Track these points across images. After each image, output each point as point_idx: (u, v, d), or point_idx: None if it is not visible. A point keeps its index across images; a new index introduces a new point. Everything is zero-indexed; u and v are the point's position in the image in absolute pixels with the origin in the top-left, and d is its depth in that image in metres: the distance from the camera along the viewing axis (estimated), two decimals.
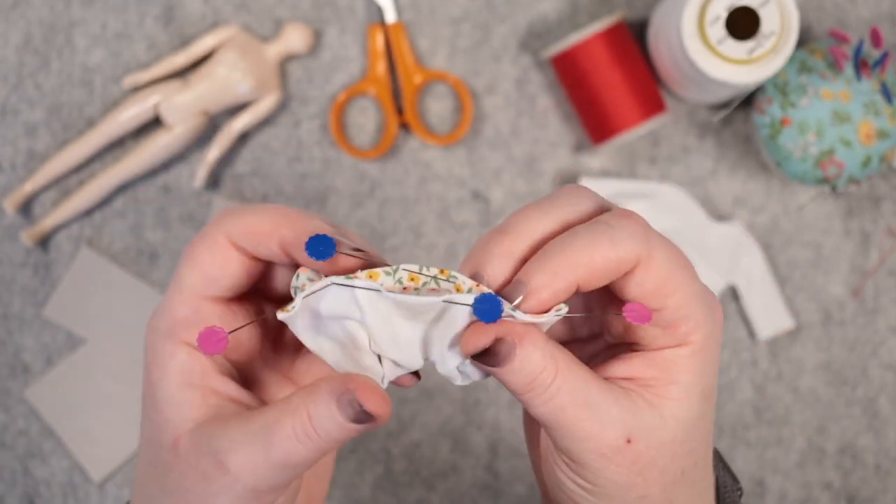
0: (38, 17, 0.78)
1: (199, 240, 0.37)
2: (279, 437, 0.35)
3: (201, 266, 0.37)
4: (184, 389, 0.37)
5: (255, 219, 0.37)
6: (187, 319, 0.37)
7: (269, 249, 0.37)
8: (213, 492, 0.35)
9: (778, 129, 0.69)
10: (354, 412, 0.34)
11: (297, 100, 0.78)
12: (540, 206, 0.37)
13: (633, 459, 0.35)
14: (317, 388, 0.35)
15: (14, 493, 0.79)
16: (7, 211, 0.77)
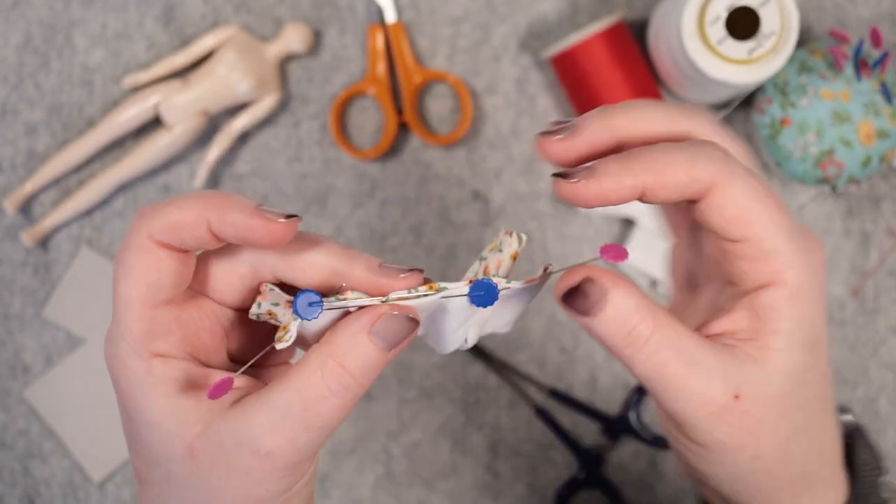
0: (38, 17, 0.78)
1: (125, 250, 0.36)
2: (313, 401, 0.35)
3: (137, 276, 0.36)
4: (175, 399, 0.36)
5: (175, 212, 0.36)
6: (148, 332, 0.36)
7: (197, 239, 0.36)
8: (254, 481, 0.35)
9: (778, 129, 0.69)
10: (394, 334, 0.35)
11: (297, 100, 0.78)
12: (650, 102, 0.37)
13: (743, 417, 0.35)
14: (338, 333, 0.35)
15: (14, 493, 0.79)
16: (7, 211, 0.77)
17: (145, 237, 0.36)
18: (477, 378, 0.78)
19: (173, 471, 0.36)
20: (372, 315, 0.35)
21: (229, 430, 0.35)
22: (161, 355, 0.36)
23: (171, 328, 0.37)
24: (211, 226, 0.35)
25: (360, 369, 0.35)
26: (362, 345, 0.35)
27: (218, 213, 0.35)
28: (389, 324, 0.35)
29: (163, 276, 0.36)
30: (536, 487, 0.78)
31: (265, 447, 0.35)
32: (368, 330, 0.35)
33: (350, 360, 0.35)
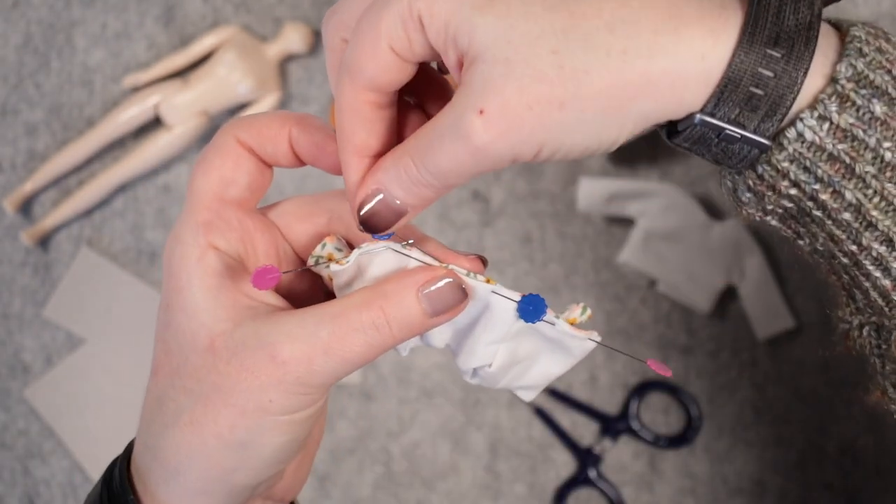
0: (38, 17, 0.78)
1: (210, 148, 0.38)
2: (343, 329, 0.35)
3: (215, 170, 0.38)
4: (216, 292, 0.37)
5: (263, 120, 0.38)
6: (210, 223, 0.38)
7: (278, 148, 0.38)
8: (261, 385, 0.36)
9: None
10: (441, 300, 0.36)
11: (297, 100, 0.78)
12: None
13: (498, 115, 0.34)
14: (390, 282, 0.36)
15: (14, 493, 0.79)
16: (7, 211, 0.77)
17: (231, 137, 0.38)
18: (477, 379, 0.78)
19: (189, 360, 0.37)
20: (426, 274, 0.36)
21: (255, 332, 0.36)
22: (216, 248, 0.37)
23: (233, 226, 0.38)
24: (291, 138, 0.38)
25: (397, 321, 0.36)
26: (408, 299, 0.36)
27: (301, 128, 0.38)
28: (440, 288, 0.36)
29: (239, 173, 0.38)
30: (536, 487, 0.78)
31: (282, 354, 0.35)
32: (419, 287, 0.36)
33: (392, 307, 0.36)
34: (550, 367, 0.40)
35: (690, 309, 0.77)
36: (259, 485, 0.39)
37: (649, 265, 0.75)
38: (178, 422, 0.37)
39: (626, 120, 0.36)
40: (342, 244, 0.39)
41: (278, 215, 0.40)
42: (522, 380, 0.41)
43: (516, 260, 0.77)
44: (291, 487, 0.42)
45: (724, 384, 0.77)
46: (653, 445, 0.77)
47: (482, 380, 0.40)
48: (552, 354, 0.40)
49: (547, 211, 0.77)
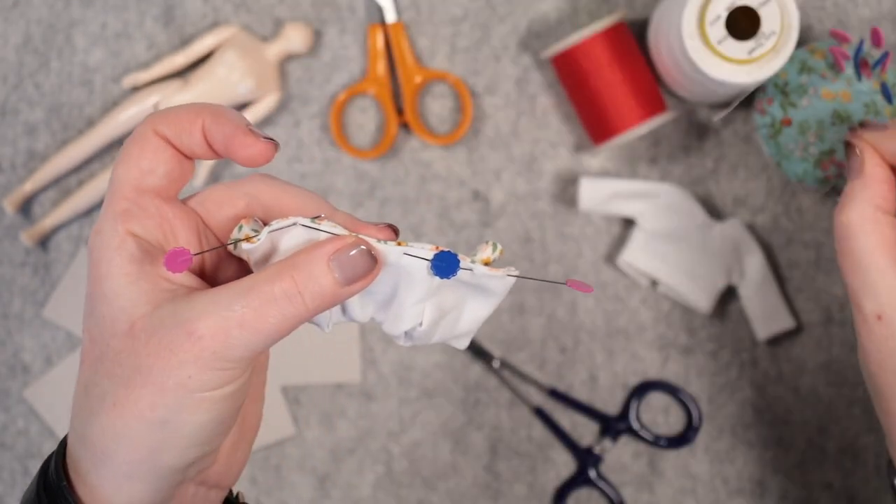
0: (37, 17, 0.78)
1: (129, 139, 0.40)
2: (256, 301, 0.36)
3: (134, 160, 0.39)
4: (135, 277, 0.38)
5: (179, 111, 0.39)
6: (128, 211, 0.39)
7: (193, 139, 0.39)
8: (179, 361, 0.36)
9: (778, 128, 0.69)
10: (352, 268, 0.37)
11: (297, 100, 0.78)
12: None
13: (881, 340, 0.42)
14: (300, 254, 0.37)
15: (14, 494, 0.79)
16: (7, 211, 0.77)
17: (149, 129, 0.39)
18: (477, 378, 0.78)
19: (111, 346, 0.38)
20: (336, 243, 0.37)
21: (172, 311, 0.37)
22: (134, 235, 0.38)
23: (151, 213, 0.39)
24: (204, 128, 0.39)
25: (309, 290, 0.37)
26: (319, 269, 0.37)
27: (213, 119, 0.39)
28: (350, 256, 0.37)
29: (156, 163, 0.39)
30: (536, 487, 0.78)
31: (198, 330, 0.36)
32: (329, 256, 0.37)
33: (303, 277, 0.37)
34: (478, 311, 0.41)
35: (690, 309, 0.77)
36: (188, 467, 0.39)
37: (649, 265, 0.75)
38: (103, 406, 0.38)
39: None
40: (259, 225, 0.40)
41: (198, 203, 0.41)
42: (454, 329, 0.42)
43: (516, 260, 0.77)
44: (227, 472, 0.43)
45: (724, 384, 0.77)
46: (653, 445, 0.77)
47: (415, 339, 0.41)
48: (477, 298, 0.41)
49: (547, 211, 0.77)
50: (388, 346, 0.78)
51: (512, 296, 0.77)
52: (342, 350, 0.77)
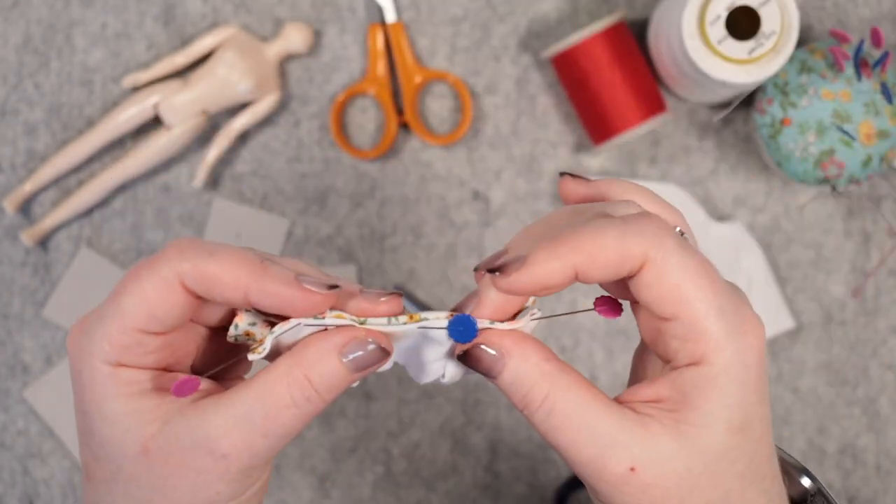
0: (37, 17, 0.78)
1: (148, 273, 0.36)
2: (275, 409, 0.35)
3: (147, 302, 0.35)
4: (137, 397, 0.36)
5: (216, 268, 0.35)
6: (128, 349, 0.36)
7: (230, 301, 0.36)
8: (206, 482, 0.35)
9: (778, 128, 0.69)
10: (363, 360, 0.36)
11: (297, 100, 0.78)
12: (578, 207, 0.37)
13: (642, 489, 0.34)
14: (310, 348, 0.36)
15: (14, 493, 0.79)
16: (7, 211, 0.77)
17: (174, 275, 0.35)
18: (477, 378, 0.78)
19: (124, 468, 0.36)
20: (346, 336, 0.36)
21: (187, 428, 0.35)
22: (128, 366, 0.36)
23: (150, 351, 0.37)
24: (248, 296, 0.35)
25: (325, 386, 0.36)
26: (331, 363, 0.36)
27: (259, 285, 0.35)
28: (361, 349, 0.36)
29: (169, 314, 0.36)
30: (536, 487, 0.78)
31: (222, 449, 0.35)
32: (340, 350, 0.36)
33: (316, 375, 0.35)
34: None
35: None
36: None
37: None
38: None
39: None
40: (254, 315, 0.38)
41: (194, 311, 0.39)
42: None
43: None
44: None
45: None
46: None
47: (443, 384, 0.40)
48: None
49: (547, 211, 0.77)
50: None
51: None
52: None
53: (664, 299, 0.34)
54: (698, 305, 0.34)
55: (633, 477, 0.34)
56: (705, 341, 0.34)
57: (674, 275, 0.34)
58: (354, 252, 0.78)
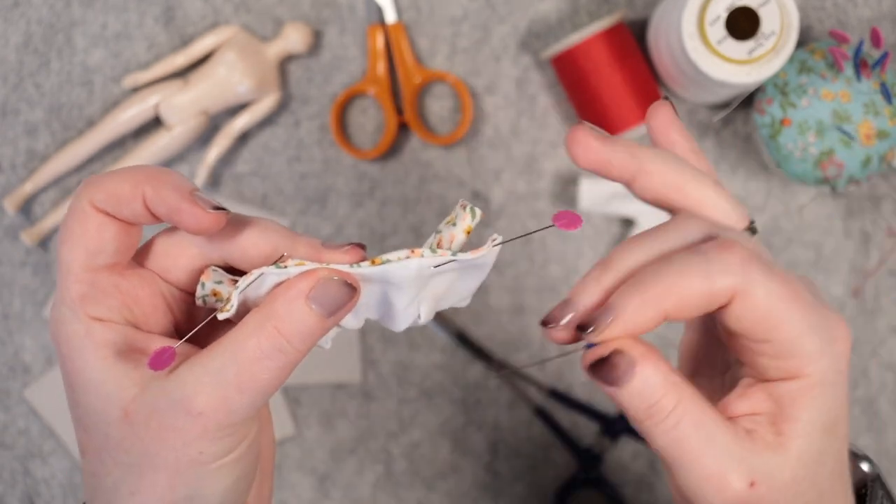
0: (38, 17, 0.78)
1: (68, 215, 0.37)
2: (248, 363, 0.35)
3: (78, 240, 0.37)
4: (113, 361, 0.36)
5: (115, 182, 0.37)
6: (86, 295, 0.37)
7: (133, 210, 0.37)
8: (185, 441, 0.35)
9: (778, 129, 0.69)
10: (332, 300, 0.36)
11: (297, 100, 0.78)
12: (642, 238, 0.37)
13: (757, 502, 0.35)
14: (277, 299, 0.36)
15: (14, 493, 0.79)
16: (7, 211, 0.77)
17: (87, 203, 0.37)
18: (477, 378, 0.78)
19: (110, 435, 0.37)
20: (310, 280, 0.36)
21: (164, 391, 0.36)
22: (99, 319, 0.37)
23: (110, 293, 0.37)
24: (146, 199, 0.36)
25: (296, 334, 0.36)
26: (299, 310, 0.36)
27: (153, 188, 0.36)
28: (327, 289, 0.36)
29: (102, 242, 0.37)
30: (536, 487, 0.78)
31: (197, 406, 0.35)
32: (306, 295, 0.36)
33: (286, 324, 0.35)
34: (470, 284, 0.41)
35: None
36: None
37: None
38: (119, 495, 0.37)
39: None
40: (220, 275, 0.38)
41: (152, 263, 0.40)
42: (453, 301, 0.41)
43: (516, 260, 0.77)
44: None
45: None
46: None
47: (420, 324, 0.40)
48: (468, 276, 0.40)
49: (547, 211, 0.77)
50: (387, 346, 0.78)
51: (512, 296, 0.78)
52: (342, 350, 0.77)
53: (757, 327, 0.34)
54: (790, 328, 0.34)
55: (752, 492, 0.34)
56: (800, 358, 0.35)
57: (763, 303, 0.34)
58: None
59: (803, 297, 0.35)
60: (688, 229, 0.36)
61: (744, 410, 0.36)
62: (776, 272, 0.34)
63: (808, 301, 0.35)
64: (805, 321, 0.34)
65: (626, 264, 0.36)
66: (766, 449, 0.35)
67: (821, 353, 0.35)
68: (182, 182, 0.37)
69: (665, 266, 0.34)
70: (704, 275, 0.34)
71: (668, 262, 0.34)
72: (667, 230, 0.37)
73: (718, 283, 0.34)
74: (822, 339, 0.35)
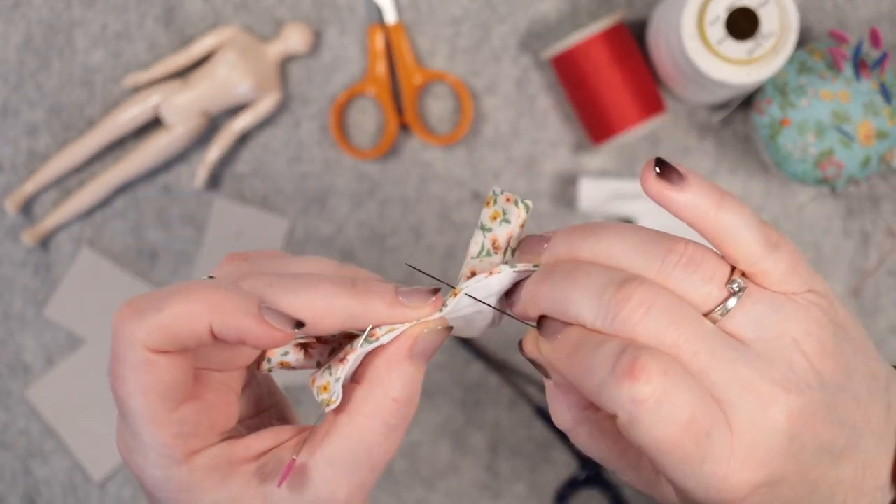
0: (38, 17, 0.78)
1: (120, 364, 0.34)
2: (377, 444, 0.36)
3: (144, 391, 0.34)
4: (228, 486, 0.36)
5: (172, 319, 0.33)
6: (180, 435, 0.35)
7: (199, 341, 0.34)
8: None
9: (777, 129, 0.69)
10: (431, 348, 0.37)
11: (297, 100, 0.78)
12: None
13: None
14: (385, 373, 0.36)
15: (15, 493, 0.80)
16: (8, 211, 0.78)
17: (141, 349, 0.34)
18: (477, 378, 0.78)
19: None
20: (409, 340, 0.36)
21: (300, 498, 0.35)
22: (198, 451, 0.35)
23: (199, 420, 0.36)
24: (213, 331, 0.34)
25: (409, 396, 0.36)
26: (407, 372, 0.36)
27: (221, 318, 0.34)
28: (427, 342, 0.36)
29: (175, 383, 0.35)
30: (536, 487, 0.78)
31: (339, 500, 0.35)
32: (409, 356, 0.36)
33: (399, 391, 0.36)
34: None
35: None
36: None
37: None
38: None
39: None
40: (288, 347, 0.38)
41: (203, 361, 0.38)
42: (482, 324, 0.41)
43: None
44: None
45: None
46: None
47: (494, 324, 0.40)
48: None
49: (547, 211, 0.78)
50: None
51: None
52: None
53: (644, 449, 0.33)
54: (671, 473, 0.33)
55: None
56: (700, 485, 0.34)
57: (643, 444, 0.33)
58: (355, 252, 0.78)
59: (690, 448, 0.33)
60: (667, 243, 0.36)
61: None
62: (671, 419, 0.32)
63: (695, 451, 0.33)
64: (688, 468, 0.33)
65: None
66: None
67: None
68: (248, 303, 0.34)
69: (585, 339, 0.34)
70: (599, 384, 0.33)
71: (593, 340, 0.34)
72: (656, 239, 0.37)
73: (604, 400, 0.33)
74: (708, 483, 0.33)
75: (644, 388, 0.32)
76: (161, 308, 0.33)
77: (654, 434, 0.32)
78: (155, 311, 0.33)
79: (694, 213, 0.35)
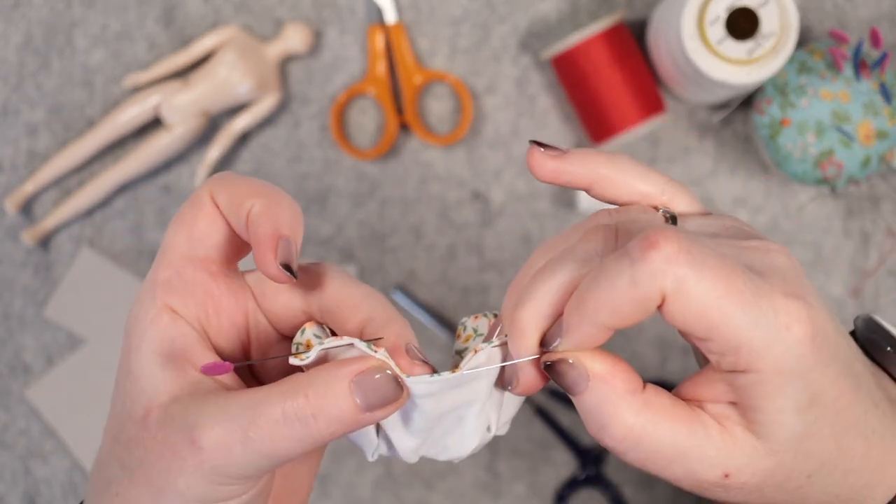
0: (38, 18, 0.78)
1: (186, 203, 0.37)
2: (263, 419, 0.33)
3: (186, 226, 0.36)
4: (163, 359, 0.35)
5: (238, 185, 0.36)
6: (169, 282, 0.36)
7: (239, 221, 0.36)
8: (179, 469, 0.34)
9: (778, 129, 0.69)
10: (375, 394, 0.34)
11: (297, 100, 0.78)
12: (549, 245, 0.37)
13: (740, 487, 0.34)
14: (322, 371, 0.34)
15: (15, 493, 0.80)
16: (8, 211, 0.78)
17: (206, 195, 0.36)
18: None
19: (125, 429, 0.36)
20: (361, 365, 0.34)
21: (184, 409, 0.34)
22: (172, 310, 0.36)
23: (193, 288, 0.36)
24: (249, 216, 0.35)
25: (325, 413, 0.33)
26: (338, 389, 0.33)
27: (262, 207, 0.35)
28: (375, 381, 0.34)
29: (207, 233, 0.36)
30: (536, 487, 0.78)
31: (200, 439, 0.33)
32: (351, 378, 0.33)
33: (319, 399, 0.33)
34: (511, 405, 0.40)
35: None
36: None
37: None
38: (108, 492, 0.36)
39: None
40: (323, 331, 0.37)
41: (256, 281, 0.38)
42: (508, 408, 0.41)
43: (516, 260, 0.78)
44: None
45: None
46: None
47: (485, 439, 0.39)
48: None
49: (547, 211, 0.78)
50: None
51: None
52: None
53: (695, 326, 0.33)
54: (729, 326, 0.32)
55: (727, 481, 0.34)
56: (747, 354, 0.33)
57: (695, 304, 0.32)
58: (355, 252, 0.78)
59: (738, 287, 0.32)
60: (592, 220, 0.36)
61: (710, 396, 0.35)
62: (709, 264, 0.32)
63: (748, 291, 0.32)
64: (746, 315, 0.32)
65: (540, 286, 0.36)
66: (741, 440, 0.34)
67: (769, 346, 0.32)
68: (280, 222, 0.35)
69: (595, 278, 0.33)
70: (630, 281, 0.32)
71: (599, 271, 0.33)
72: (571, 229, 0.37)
73: (644, 287, 0.32)
74: (770, 329, 0.32)
75: (670, 245, 0.31)
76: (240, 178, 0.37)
77: (702, 280, 0.32)
78: (235, 177, 0.37)
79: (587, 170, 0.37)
